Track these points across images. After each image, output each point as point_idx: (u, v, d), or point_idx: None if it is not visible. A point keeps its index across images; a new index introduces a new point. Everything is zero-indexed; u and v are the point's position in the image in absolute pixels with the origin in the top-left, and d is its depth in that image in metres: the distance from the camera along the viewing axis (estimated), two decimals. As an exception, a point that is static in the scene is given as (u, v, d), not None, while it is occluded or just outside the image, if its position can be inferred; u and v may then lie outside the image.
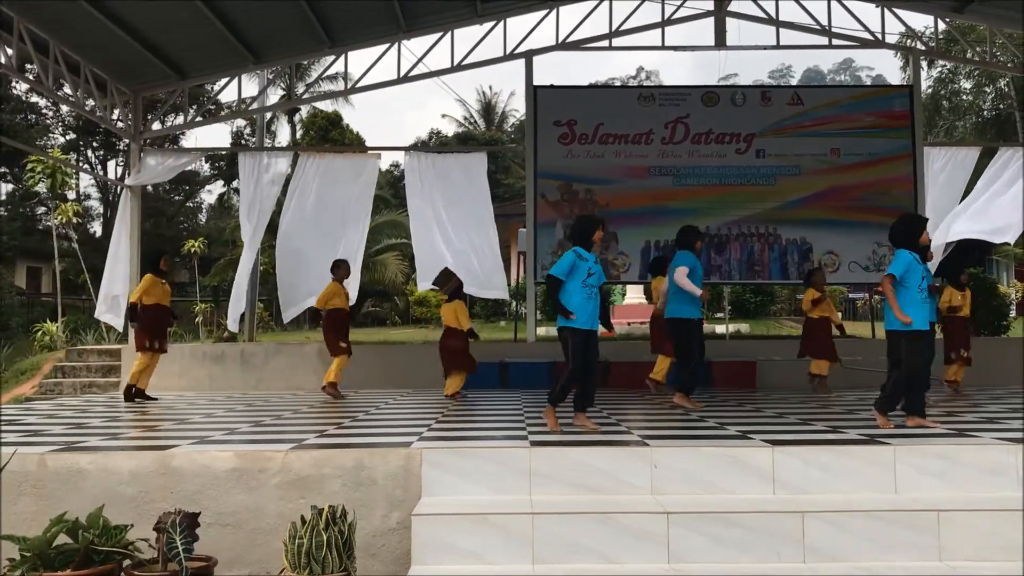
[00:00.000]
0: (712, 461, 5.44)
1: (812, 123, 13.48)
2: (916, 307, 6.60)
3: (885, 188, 13.38)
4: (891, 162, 13.45)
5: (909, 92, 13.97)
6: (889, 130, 13.51)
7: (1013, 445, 5.48)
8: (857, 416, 7.71)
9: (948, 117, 43.00)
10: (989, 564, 4.65)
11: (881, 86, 20.13)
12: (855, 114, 13.53)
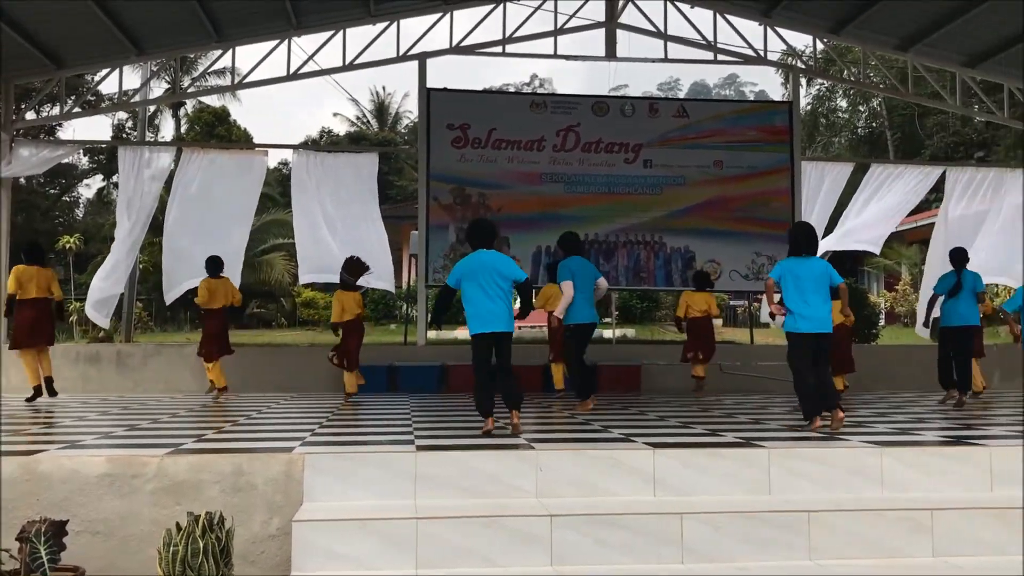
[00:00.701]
0: (596, 464, 5.52)
1: (697, 135, 13.87)
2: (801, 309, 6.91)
3: (765, 200, 13.88)
4: (771, 175, 13.96)
5: (789, 108, 14.55)
6: (769, 144, 14.02)
7: (877, 447, 5.75)
8: (735, 419, 7.96)
9: (825, 133, 44.91)
10: (854, 562, 4.86)
11: (763, 102, 20.92)
12: (738, 128, 13.99)
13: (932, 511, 5.06)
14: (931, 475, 5.59)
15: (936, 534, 5.01)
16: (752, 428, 7.13)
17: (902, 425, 7.46)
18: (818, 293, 6.95)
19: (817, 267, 7.03)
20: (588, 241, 13.38)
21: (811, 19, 13.89)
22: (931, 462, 5.66)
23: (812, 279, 6.96)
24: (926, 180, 14.63)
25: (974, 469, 5.63)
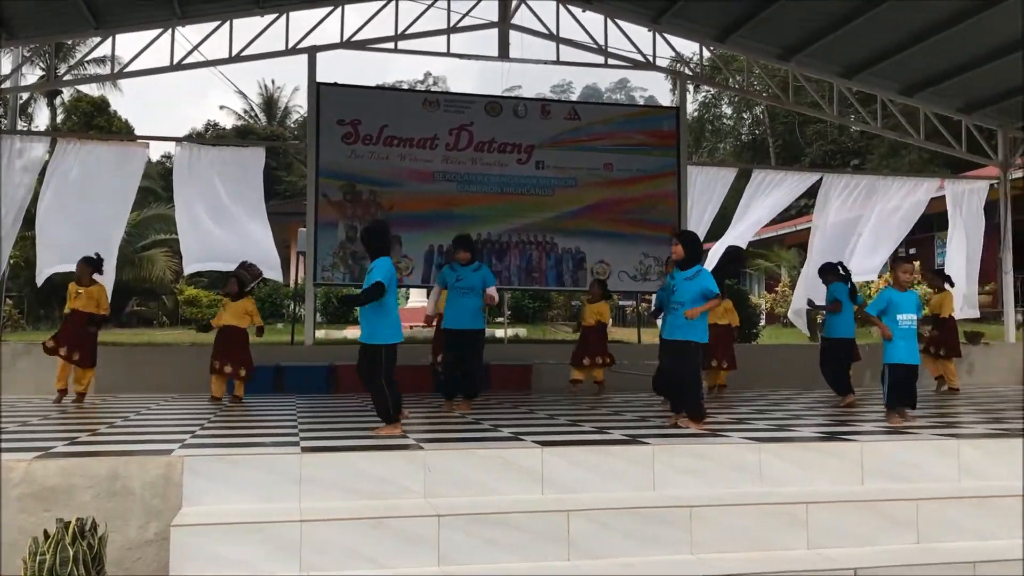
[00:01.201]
0: (485, 463, 5.53)
1: (588, 138, 14.04)
2: (665, 318, 7.12)
3: (652, 203, 14.16)
4: (658, 179, 14.25)
5: (676, 114, 14.88)
6: (657, 148, 14.31)
7: (756, 444, 5.94)
8: (623, 417, 8.09)
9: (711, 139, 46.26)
10: (733, 556, 5.01)
11: (651, 107, 21.35)
12: (627, 132, 14.23)
13: (807, 505, 5.26)
14: (807, 470, 5.81)
15: (811, 527, 5.20)
16: (638, 425, 7.27)
17: (780, 422, 7.72)
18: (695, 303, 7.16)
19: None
20: (481, 241, 13.38)
21: (698, 27, 14.25)
22: (806, 457, 5.89)
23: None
24: (800, 185, 15.23)
25: (846, 464, 5.88)
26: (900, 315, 7.44)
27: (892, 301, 7.50)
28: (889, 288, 7.65)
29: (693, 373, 7.23)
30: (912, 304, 7.52)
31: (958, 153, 15.63)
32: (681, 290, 7.13)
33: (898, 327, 7.46)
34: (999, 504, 5.49)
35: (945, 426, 7.34)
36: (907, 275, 7.66)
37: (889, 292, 7.58)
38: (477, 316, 8.58)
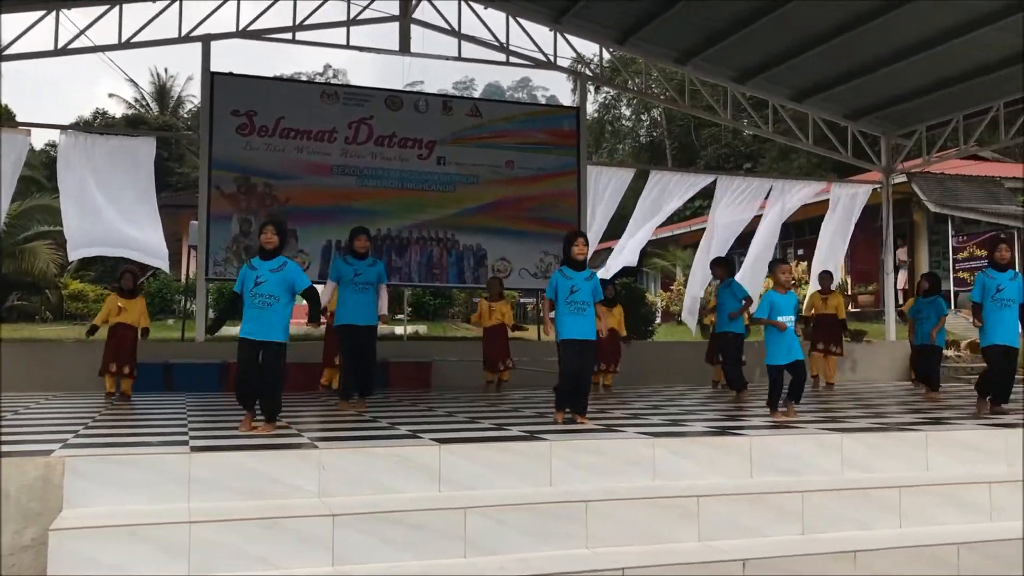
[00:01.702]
0: (381, 461, 5.46)
1: (489, 135, 14.06)
2: (563, 318, 7.15)
3: (553, 201, 14.28)
4: (559, 177, 14.38)
5: (576, 114, 15.05)
6: (558, 148, 14.44)
7: (650, 438, 6.04)
8: (522, 414, 8.12)
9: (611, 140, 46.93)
10: (627, 549, 5.07)
11: (552, 106, 21.54)
12: (528, 130, 14.31)
13: (699, 498, 5.38)
14: (699, 464, 5.94)
15: (702, 520, 5.32)
16: (537, 422, 7.30)
17: (674, 417, 7.88)
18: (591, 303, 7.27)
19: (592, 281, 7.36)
20: (380, 237, 13.26)
21: (598, 28, 14.43)
22: (698, 452, 6.01)
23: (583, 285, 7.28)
24: (694, 187, 15.61)
25: (736, 458, 6.03)
26: (781, 317, 7.61)
27: (774, 303, 7.67)
28: (771, 291, 7.85)
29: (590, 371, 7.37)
30: (791, 306, 7.74)
31: (844, 158, 16.26)
32: (583, 289, 7.21)
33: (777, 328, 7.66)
34: (879, 495, 5.72)
35: (829, 421, 7.61)
36: (785, 276, 7.87)
37: (771, 295, 7.77)
38: (373, 312, 8.45)
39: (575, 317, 7.14)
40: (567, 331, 7.13)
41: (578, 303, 7.15)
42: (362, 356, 8.37)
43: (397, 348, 13.88)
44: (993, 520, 5.84)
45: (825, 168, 28.14)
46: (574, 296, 7.15)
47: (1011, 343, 8.18)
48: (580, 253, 7.33)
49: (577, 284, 7.19)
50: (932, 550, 5.26)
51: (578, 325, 7.14)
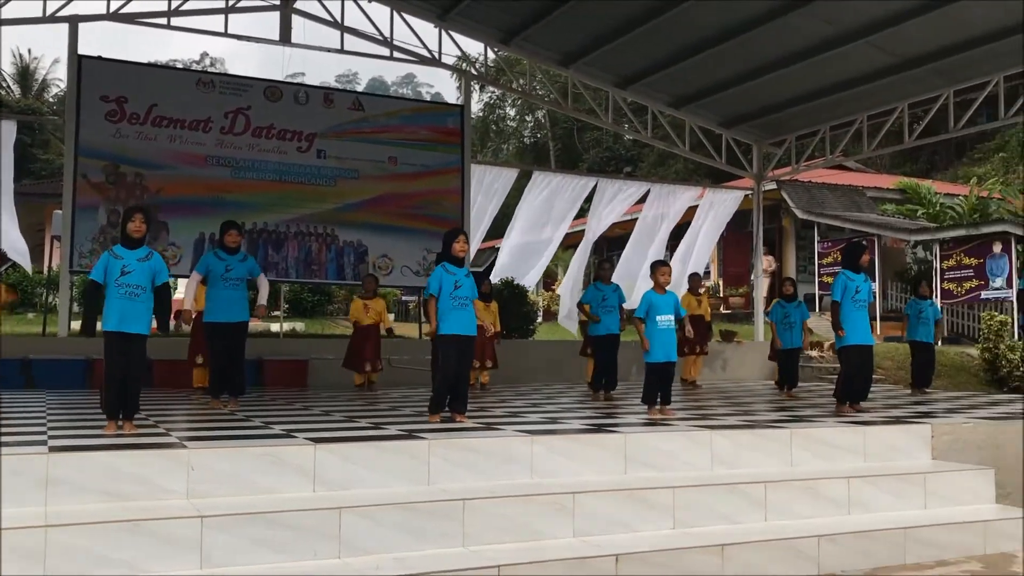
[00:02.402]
0: (254, 461, 5.31)
1: (372, 130, 13.90)
2: (448, 313, 7.12)
3: (436, 199, 14.23)
4: (443, 175, 14.34)
5: (461, 111, 15.03)
6: (442, 145, 14.40)
7: (528, 436, 6.08)
8: (400, 412, 8.05)
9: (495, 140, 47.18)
10: (503, 547, 5.09)
11: (436, 103, 21.46)
12: (412, 126, 14.21)
13: (574, 494, 5.44)
14: (575, 461, 6.02)
15: (577, 515, 5.38)
16: (416, 420, 7.25)
17: (552, 415, 7.97)
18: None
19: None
20: (257, 231, 12.94)
21: (483, 27, 14.46)
22: (575, 449, 6.09)
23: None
24: (582, 190, 15.84)
25: (611, 454, 6.14)
26: (659, 316, 7.87)
27: (652, 303, 7.92)
28: (651, 291, 8.07)
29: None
30: (670, 305, 7.97)
31: (718, 164, 16.80)
32: (466, 285, 7.22)
33: (657, 327, 7.87)
34: (746, 490, 5.92)
35: (700, 418, 7.84)
36: (665, 277, 8.10)
37: (650, 294, 7.99)
38: (244, 308, 8.21)
39: (459, 312, 7.13)
40: (450, 326, 7.10)
41: (461, 299, 7.15)
42: (232, 354, 8.12)
43: (273, 346, 13.55)
44: (851, 513, 6.13)
45: (700, 174, 29.03)
46: (458, 292, 7.14)
47: (868, 342, 8.63)
48: (461, 250, 7.35)
49: (460, 280, 7.19)
50: (794, 542, 5.48)
51: (462, 321, 7.13)
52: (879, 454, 6.95)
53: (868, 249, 9.29)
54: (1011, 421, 7.72)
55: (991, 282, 17.65)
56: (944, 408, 9.19)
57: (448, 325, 7.10)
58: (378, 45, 14.31)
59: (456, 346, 7.13)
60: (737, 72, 14.09)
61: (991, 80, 12.81)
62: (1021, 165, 29.51)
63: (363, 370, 11.28)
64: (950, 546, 5.89)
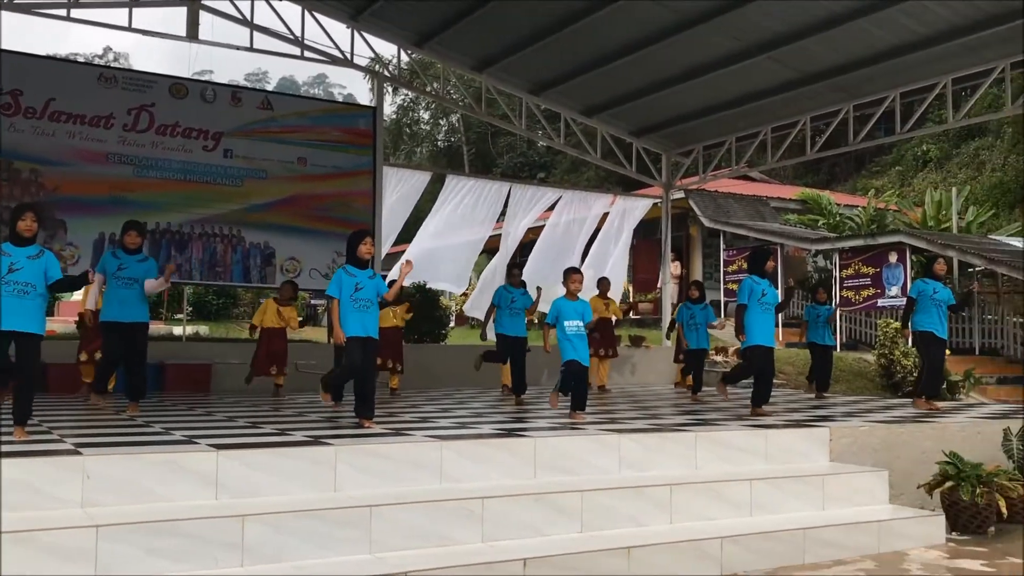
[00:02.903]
0: (153, 468, 5.15)
1: (281, 130, 13.64)
2: (348, 315, 7.04)
3: (347, 201, 14.05)
4: (354, 177, 14.17)
5: (373, 113, 14.89)
6: (353, 147, 14.23)
7: (438, 441, 6.05)
8: (307, 418, 7.92)
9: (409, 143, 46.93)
10: (410, 553, 5.04)
11: (348, 104, 21.23)
12: (323, 127, 14.01)
13: (483, 499, 5.43)
14: (484, 465, 6.01)
15: (485, 520, 5.37)
16: (322, 426, 7.14)
17: (462, 419, 7.94)
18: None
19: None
20: (160, 231, 12.58)
21: (397, 29, 14.37)
22: (485, 453, 6.08)
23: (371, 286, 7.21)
24: (498, 195, 15.87)
25: (520, 459, 6.15)
26: (567, 321, 8.01)
27: (561, 309, 8.05)
28: (561, 298, 8.19)
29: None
30: (578, 312, 8.08)
31: (629, 173, 17.05)
32: (367, 287, 7.15)
33: (566, 332, 7.97)
34: (652, 493, 6.00)
35: (609, 422, 7.93)
36: (576, 284, 8.22)
37: (560, 301, 8.14)
38: (141, 309, 8.01)
39: (360, 314, 7.06)
40: (351, 328, 7.02)
41: (363, 301, 7.08)
42: (130, 355, 7.92)
43: (175, 349, 13.18)
44: (753, 514, 6.27)
45: (612, 181, 29.44)
46: (359, 294, 7.06)
47: (771, 344, 8.89)
48: (367, 252, 7.25)
49: (362, 282, 7.11)
50: (698, 543, 5.58)
51: (363, 322, 7.06)
52: (780, 457, 7.13)
53: (773, 255, 9.56)
54: (904, 424, 8.02)
55: (887, 290, 18.36)
56: (842, 412, 9.50)
57: (350, 327, 7.02)
58: (289, 44, 14.09)
59: (359, 348, 7.04)
60: (647, 83, 14.33)
61: (888, 96, 13.34)
62: (916, 178, 30.86)
63: (270, 374, 11.02)
64: (846, 546, 6.08)
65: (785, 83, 13.59)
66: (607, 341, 13.07)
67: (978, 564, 5.90)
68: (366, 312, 7.10)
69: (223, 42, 13.84)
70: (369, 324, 7.11)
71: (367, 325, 7.09)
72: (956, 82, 12.92)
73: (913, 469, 7.54)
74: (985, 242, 19.56)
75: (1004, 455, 7.68)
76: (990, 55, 11.96)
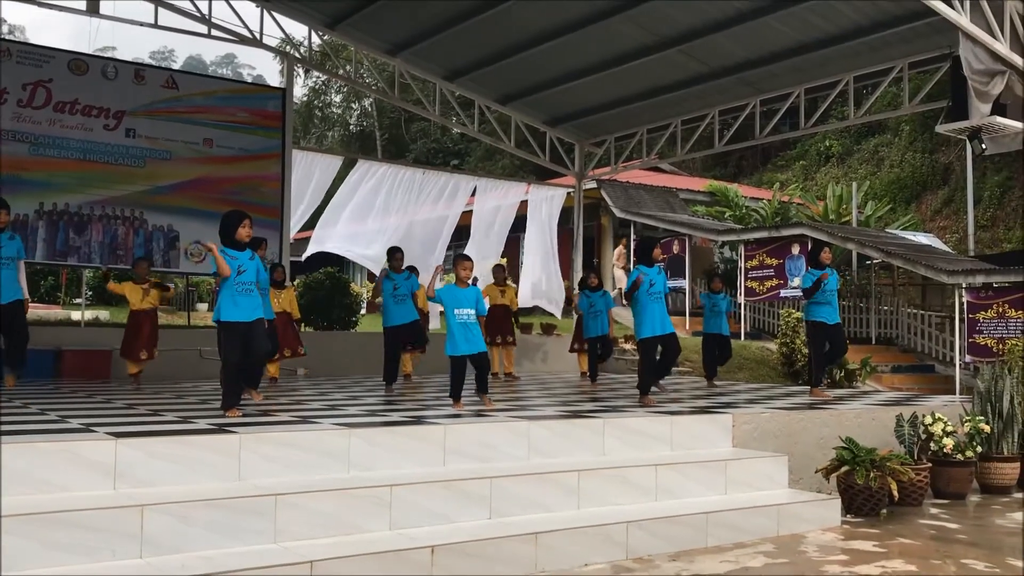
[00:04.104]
0: (48, 458, 4.96)
1: (186, 110, 13.24)
2: (231, 298, 6.85)
3: (255, 184, 13.74)
4: (262, 160, 13.86)
5: (283, 95, 14.58)
6: (261, 128, 13.90)
7: (346, 429, 5.98)
8: (210, 406, 7.74)
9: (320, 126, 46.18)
10: (317, 542, 4.98)
11: (257, 85, 20.76)
12: (230, 108, 13.65)
13: (392, 487, 5.40)
14: (394, 453, 5.97)
15: (394, 508, 5.34)
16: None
17: (372, 407, 7.88)
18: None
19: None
20: (57, 212, 12.11)
21: (308, 10, 14.10)
22: (394, 441, 6.05)
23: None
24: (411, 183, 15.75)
25: (431, 446, 6.14)
26: (458, 309, 7.88)
27: (453, 296, 7.94)
28: (451, 284, 8.12)
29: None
30: (470, 300, 8.00)
31: (543, 162, 17.13)
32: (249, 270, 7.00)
33: (456, 320, 7.89)
34: (561, 479, 6.07)
35: (519, 409, 7.97)
36: (466, 272, 8.17)
37: (449, 288, 8.04)
38: (15, 288, 7.79)
39: (244, 298, 6.89)
40: (230, 313, 6.83)
41: (245, 284, 6.91)
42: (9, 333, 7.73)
43: (73, 335, 12.71)
44: (658, 499, 6.40)
45: (526, 170, 29.54)
46: (241, 277, 6.89)
47: (667, 330, 9.00)
48: (247, 235, 7.07)
49: (244, 264, 6.94)
50: (605, 528, 5.66)
51: (242, 306, 6.88)
52: (685, 443, 7.29)
53: (659, 244, 9.73)
54: (803, 411, 8.29)
55: (790, 281, 18.91)
56: (745, 399, 9.76)
57: (229, 312, 6.82)
58: (195, 22, 13.68)
59: (239, 333, 6.87)
60: (561, 72, 14.41)
61: (793, 92, 13.72)
62: (819, 173, 31.85)
63: (139, 359, 10.62)
64: (747, 529, 6.26)
65: (695, 76, 13.84)
66: (504, 328, 13.10)
67: (870, 544, 6.14)
68: (249, 296, 6.94)
69: (126, 18, 13.35)
70: (250, 307, 6.91)
71: (247, 309, 6.91)
72: (858, 80, 13.36)
73: (812, 454, 7.80)
74: (883, 235, 20.31)
75: (896, 440, 8.01)
76: (891, 54, 12.41)
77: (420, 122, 39.04)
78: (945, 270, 16.16)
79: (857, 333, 19.15)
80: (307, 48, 15.48)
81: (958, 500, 7.97)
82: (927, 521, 7.06)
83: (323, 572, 4.64)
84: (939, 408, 8.74)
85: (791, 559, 5.74)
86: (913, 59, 12.34)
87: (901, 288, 21.56)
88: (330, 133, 45.63)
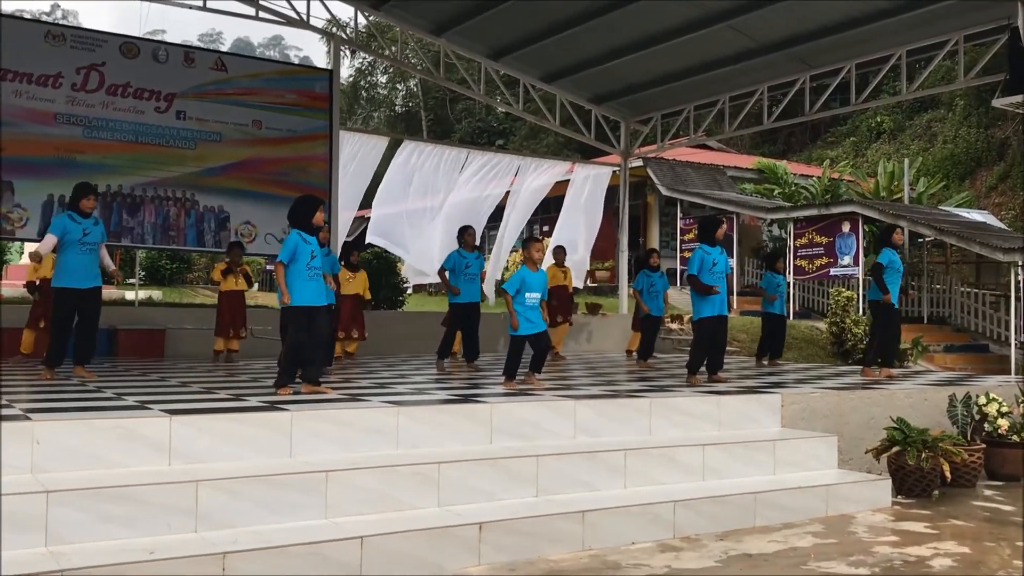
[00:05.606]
0: (105, 434, 5.09)
1: (235, 91, 13.37)
2: (303, 283, 6.90)
3: (302, 165, 13.86)
4: (309, 141, 13.97)
5: (329, 76, 14.65)
6: (309, 110, 13.99)
7: (394, 407, 6.05)
8: (262, 384, 7.87)
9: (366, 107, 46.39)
10: (366, 518, 5.05)
11: (304, 66, 20.91)
12: (278, 89, 13.76)
13: (439, 464, 5.45)
14: (441, 431, 6.03)
15: (442, 486, 5.40)
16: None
17: (420, 386, 7.95)
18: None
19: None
20: (111, 193, 12.32)
21: (354, -9, 14.15)
22: (441, 419, 6.10)
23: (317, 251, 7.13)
24: (456, 162, 15.77)
25: (477, 425, 6.19)
26: (529, 293, 7.87)
27: (525, 281, 7.91)
28: (524, 267, 8.06)
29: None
30: (540, 284, 8.00)
31: (587, 140, 17.03)
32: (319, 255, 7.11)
33: (525, 303, 7.90)
34: (606, 458, 6.08)
35: (564, 388, 7.98)
36: (539, 254, 8.13)
37: (523, 271, 7.98)
38: (97, 274, 7.91)
39: (315, 283, 6.98)
40: (302, 298, 6.91)
41: (317, 269, 7.01)
42: (84, 321, 7.82)
43: (127, 314, 12.97)
44: (705, 479, 6.38)
45: (571, 149, 29.41)
46: (314, 262, 6.99)
47: (723, 313, 8.93)
48: (321, 220, 7.22)
49: (316, 250, 7.05)
50: (651, 508, 5.66)
51: (315, 291, 6.97)
52: (732, 423, 7.25)
53: (723, 223, 9.60)
54: (853, 391, 8.19)
55: (839, 260, 18.65)
56: (793, 379, 9.67)
57: (300, 296, 6.91)
58: (243, 4, 13.78)
59: (308, 316, 6.96)
60: (607, 50, 14.28)
61: (844, 67, 13.45)
62: (869, 149, 31.26)
63: (228, 336, 10.99)
64: (795, 509, 6.22)
65: (743, 52, 13.62)
66: (563, 309, 13.12)
67: (922, 526, 6.07)
68: (318, 280, 7.03)
69: (176, 1, 13.51)
70: (319, 293, 7.02)
71: (317, 294, 7.01)
72: (910, 54, 13.05)
73: (861, 435, 7.72)
74: (935, 212, 19.91)
75: (949, 421, 7.89)
76: (944, 27, 12.10)
77: (465, 102, 39.02)
78: (1000, 247, 15.79)
79: (909, 312, 18.83)
80: (353, 29, 15.54)
81: (1013, 482, 7.82)
82: (980, 503, 6.96)
83: (373, 547, 4.70)
84: (993, 388, 8.58)
85: (840, 539, 5.69)
86: (969, 31, 12.01)
87: (954, 266, 21.14)
88: (376, 114, 45.85)
